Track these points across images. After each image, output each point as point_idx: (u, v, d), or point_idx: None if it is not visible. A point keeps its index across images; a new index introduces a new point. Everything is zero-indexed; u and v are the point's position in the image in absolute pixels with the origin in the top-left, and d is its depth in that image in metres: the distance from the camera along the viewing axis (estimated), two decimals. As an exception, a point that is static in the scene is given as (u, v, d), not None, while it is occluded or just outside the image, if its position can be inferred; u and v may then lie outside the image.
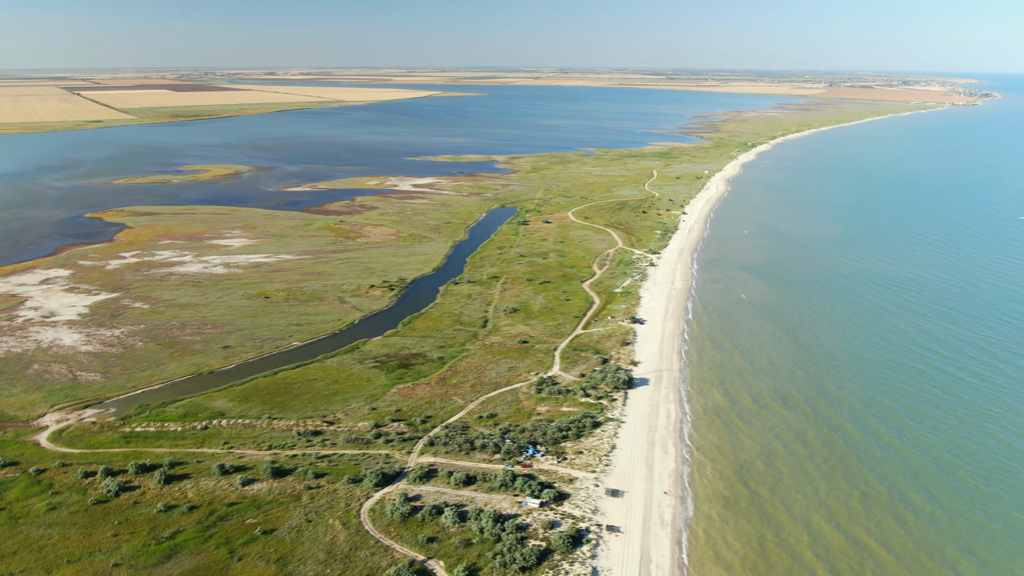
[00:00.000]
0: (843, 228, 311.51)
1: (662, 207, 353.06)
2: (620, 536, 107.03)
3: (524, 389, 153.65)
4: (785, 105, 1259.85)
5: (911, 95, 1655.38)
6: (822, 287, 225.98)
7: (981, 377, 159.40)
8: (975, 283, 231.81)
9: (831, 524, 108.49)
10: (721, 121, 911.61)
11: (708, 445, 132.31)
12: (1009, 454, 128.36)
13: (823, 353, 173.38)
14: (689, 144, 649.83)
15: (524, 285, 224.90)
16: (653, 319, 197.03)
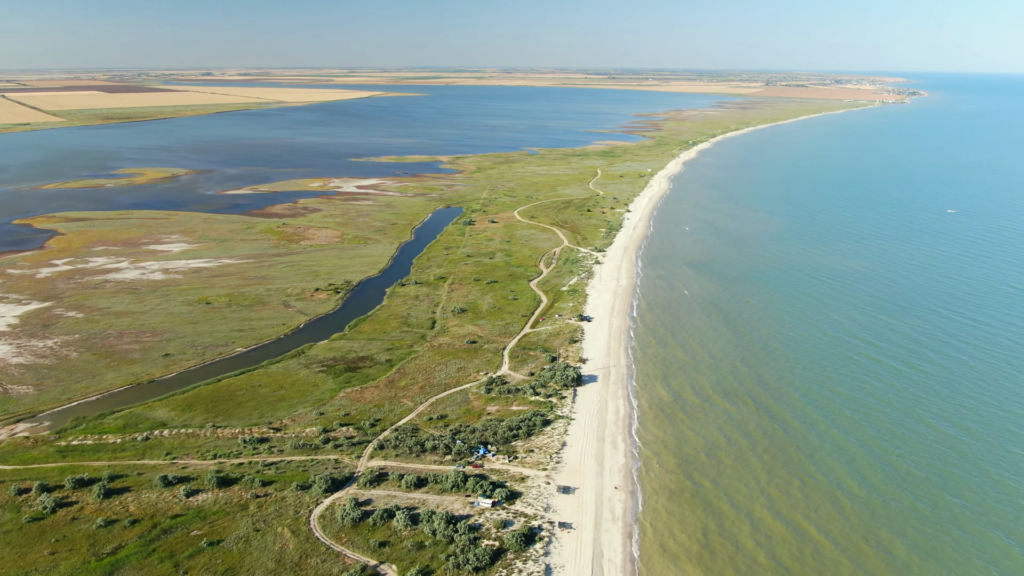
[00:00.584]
0: (782, 223, 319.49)
1: (606, 205, 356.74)
2: (572, 532, 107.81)
3: (474, 389, 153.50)
4: (724, 104, 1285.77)
5: (844, 93, 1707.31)
6: (762, 281, 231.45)
7: (911, 365, 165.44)
8: (905, 275, 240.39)
9: (772, 512, 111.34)
10: (662, 120, 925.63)
11: (656, 439, 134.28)
12: (937, 438, 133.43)
13: (763, 346, 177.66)
14: (632, 143, 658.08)
15: (472, 285, 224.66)
16: (600, 316, 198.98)
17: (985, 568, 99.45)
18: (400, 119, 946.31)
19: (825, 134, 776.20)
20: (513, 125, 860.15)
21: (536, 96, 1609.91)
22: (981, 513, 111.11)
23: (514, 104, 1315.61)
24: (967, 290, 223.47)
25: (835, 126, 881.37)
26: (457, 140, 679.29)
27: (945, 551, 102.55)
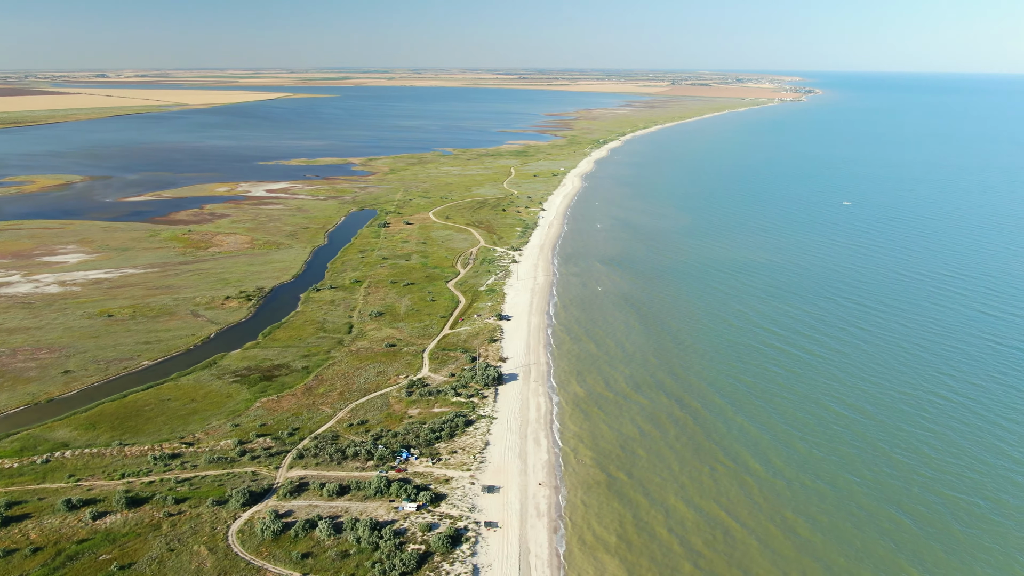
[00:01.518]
0: (691, 218, 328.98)
1: (521, 204, 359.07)
2: (498, 531, 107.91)
3: (394, 393, 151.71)
4: (632, 103, 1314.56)
5: (745, 92, 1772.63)
6: (672, 275, 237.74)
7: (810, 352, 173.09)
8: (805, 265, 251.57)
9: (685, 500, 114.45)
10: (573, 119, 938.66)
11: (577, 434, 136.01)
12: (835, 420, 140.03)
13: (674, 338, 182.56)
14: (544, 142, 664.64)
15: (388, 288, 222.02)
16: (519, 315, 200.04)
17: (880, 540, 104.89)
18: (309, 121, 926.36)
19: (729, 131, 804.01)
20: (425, 126, 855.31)
21: (447, 96, 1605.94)
22: (876, 489, 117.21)
23: (425, 104, 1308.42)
24: (861, 278, 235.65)
25: (738, 123, 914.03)
26: (369, 141, 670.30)
27: (844, 527, 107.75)
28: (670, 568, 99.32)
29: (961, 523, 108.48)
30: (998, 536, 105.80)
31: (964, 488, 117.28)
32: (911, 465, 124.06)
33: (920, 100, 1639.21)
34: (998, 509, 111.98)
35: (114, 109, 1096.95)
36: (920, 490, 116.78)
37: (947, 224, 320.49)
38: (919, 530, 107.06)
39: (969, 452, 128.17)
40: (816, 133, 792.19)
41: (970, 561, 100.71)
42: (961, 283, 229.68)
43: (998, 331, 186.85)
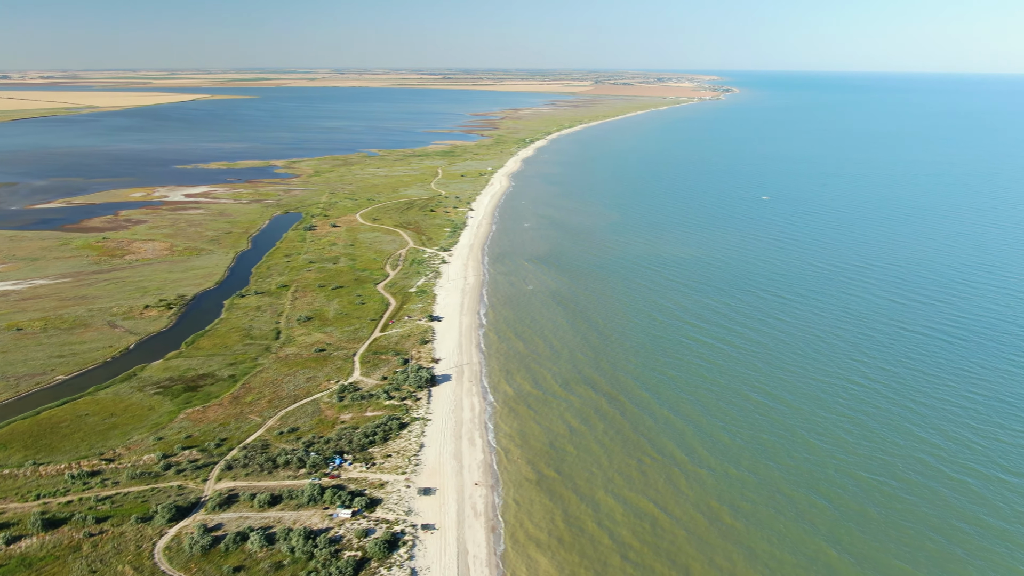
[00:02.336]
0: (617, 215, 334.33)
1: (449, 205, 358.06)
2: (436, 533, 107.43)
3: (325, 399, 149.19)
4: (557, 102, 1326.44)
5: (666, 91, 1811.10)
6: (600, 272, 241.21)
7: (731, 344, 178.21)
8: (726, 259, 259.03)
9: (614, 495, 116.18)
10: (499, 119, 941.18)
11: (511, 433, 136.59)
12: (755, 409, 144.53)
13: (603, 334, 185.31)
14: (471, 142, 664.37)
15: (316, 292, 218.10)
16: (450, 315, 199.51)
17: (798, 523, 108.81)
18: (229, 123, 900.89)
19: (652, 129, 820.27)
20: (350, 127, 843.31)
21: (372, 97, 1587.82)
22: (795, 474, 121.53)
23: (349, 105, 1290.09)
24: (779, 270, 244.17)
25: (660, 121, 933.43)
26: (292, 143, 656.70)
27: (765, 512, 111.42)
28: (600, 562, 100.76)
29: (875, 503, 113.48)
30: (909, 514, 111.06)
31: (876, 469, 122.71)
32: (827, 450, 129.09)
33: (835, 98, 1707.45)
34: (908, 488, 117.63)
35: (17, 112, 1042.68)
36: (836, 473, 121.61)
37: (858, 216, 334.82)
38: (835, 512, 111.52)
39: (880, 435, 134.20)
40: (734, 130, 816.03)
41: (883, 539, 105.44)
42: (871, 273, 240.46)
43: (904, 317, 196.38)
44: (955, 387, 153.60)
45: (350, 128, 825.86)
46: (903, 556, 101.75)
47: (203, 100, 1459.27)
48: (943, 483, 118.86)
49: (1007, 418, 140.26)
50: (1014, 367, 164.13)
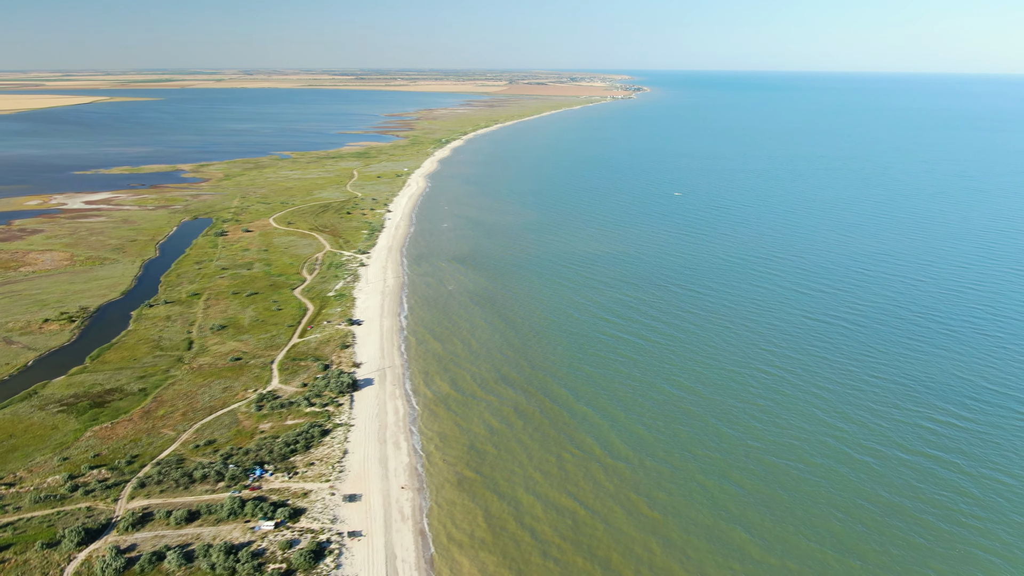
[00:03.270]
0: (535, 214, 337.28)
1: (366, 207, 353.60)
2: (363, 540, 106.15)
3: (243, 408, 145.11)
4: (472, 102, 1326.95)
5: (579, 90, 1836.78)
6: (519, 270, 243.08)
7: (645, 338, 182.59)
8: (640, 254, 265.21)
9: (536, 493, 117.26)
10: (414, 119, 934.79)
11: (436, 435, 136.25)
12: (670, 401, 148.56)
13: (522, 332, 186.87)
14: (386, 143, 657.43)
15: (230, 299, 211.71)
16: (370, 318, 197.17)
17: (711, 511, 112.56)
18: (132, 126, 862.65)
19: (567, 128, 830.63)
20: (260, 129, 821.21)
21: (282, 98, 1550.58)
22: (708, 464, 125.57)
23: (259, 107, 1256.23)
24: (691, 264, 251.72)
25: (574, 120, 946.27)
26: (200, 147, 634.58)
27: (680, 502, 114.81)
28: (521, 561, 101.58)
29: (783, 487, 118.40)
30: (815, 495, 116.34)
31: (784, 454, 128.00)
32: (738, 437, 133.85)
33: (744, 97, 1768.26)
34: (813, 470, 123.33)
35: None
36: (746, 460, 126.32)
37: (764, 210, 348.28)
38: (746, 497, 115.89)
39: (787, 420, 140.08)
40: (646, 128, 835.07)
41: (791, 521, 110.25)
42: (777, 264, 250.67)
43: (808, 306, 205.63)
44: (855, 371, 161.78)
45: (261, 130, 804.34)
46: (810, 535, 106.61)
47: (102, 102, 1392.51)
48: (846, 464, 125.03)
49: (903, 399, 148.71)
50: (908, 350, 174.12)
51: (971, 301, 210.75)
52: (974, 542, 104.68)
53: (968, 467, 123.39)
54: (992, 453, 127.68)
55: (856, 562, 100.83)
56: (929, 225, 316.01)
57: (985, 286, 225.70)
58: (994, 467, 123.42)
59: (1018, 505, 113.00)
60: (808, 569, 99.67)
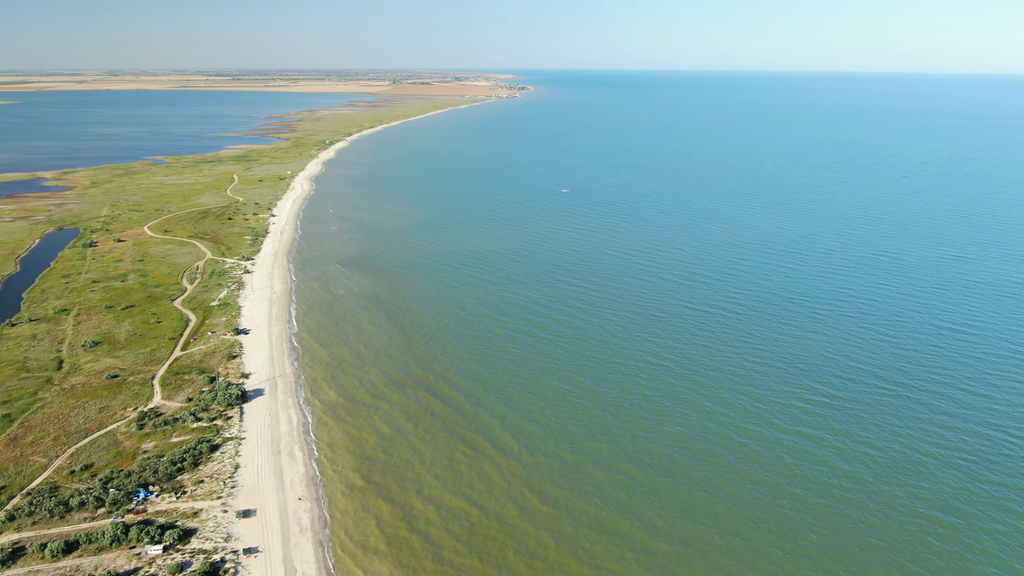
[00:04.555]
0: (424, 214, 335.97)
1: (249, 212, 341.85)
2: (260, 556, 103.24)
3: (123, 428, 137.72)
4: (355, 103, 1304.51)
5: (464, 90, 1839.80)
6: (410, 271, 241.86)
7: (534, 336, 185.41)
8: (531, 251, 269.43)
9: (428, 497, 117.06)
10: (296, 121, 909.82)
11: (332, 442, 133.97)
12: (561, 397, 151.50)
13: (414, 335, 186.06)
14: (267, 145, 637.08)
15: (104, 314, 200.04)
16: (258, 327, 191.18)
17: (603, 502, 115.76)
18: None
19: (453, 127, 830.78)
20: (129, 133, 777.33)
21: (152, 100, 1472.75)
22: (598, 457, 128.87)
23: (128, 110, 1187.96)
24: (579, 259, 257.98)
25: (460, 120, 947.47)
26: (62, 152, 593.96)
27: (571, 497, 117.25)
28: (413, 569, 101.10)
29: (669, 474, 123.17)
30: (698, 481, 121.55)
31: (670, 443, 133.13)
32: (626, 428, 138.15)
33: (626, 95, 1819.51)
34: (697, 456, 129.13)
35: None
36: (634, 451, 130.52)
37: (647, 204, 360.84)
38: (635, 487, 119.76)
39: (672, 409, 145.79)
40: (532, 126, 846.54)
41: (678, 507, 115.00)
42: (659, 257, 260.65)
43: (689, 296, 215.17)
44: (733, 357, 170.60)
45: (130, 134, 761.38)
46: (695, 519, 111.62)
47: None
48: (727, 447, 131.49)
49: (777, 381, 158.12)
50: (780, 335, 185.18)
51: (835, 285, 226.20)
52: (844, 512, 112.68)
53: (837, 442, 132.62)
54: (857, 428, 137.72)
55: (739, 540, 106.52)
56: (797, 215, 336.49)
57: (847, 270, 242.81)
58: (860, 440, 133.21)
59: (882, 475, 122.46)
60: (694, 551, 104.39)
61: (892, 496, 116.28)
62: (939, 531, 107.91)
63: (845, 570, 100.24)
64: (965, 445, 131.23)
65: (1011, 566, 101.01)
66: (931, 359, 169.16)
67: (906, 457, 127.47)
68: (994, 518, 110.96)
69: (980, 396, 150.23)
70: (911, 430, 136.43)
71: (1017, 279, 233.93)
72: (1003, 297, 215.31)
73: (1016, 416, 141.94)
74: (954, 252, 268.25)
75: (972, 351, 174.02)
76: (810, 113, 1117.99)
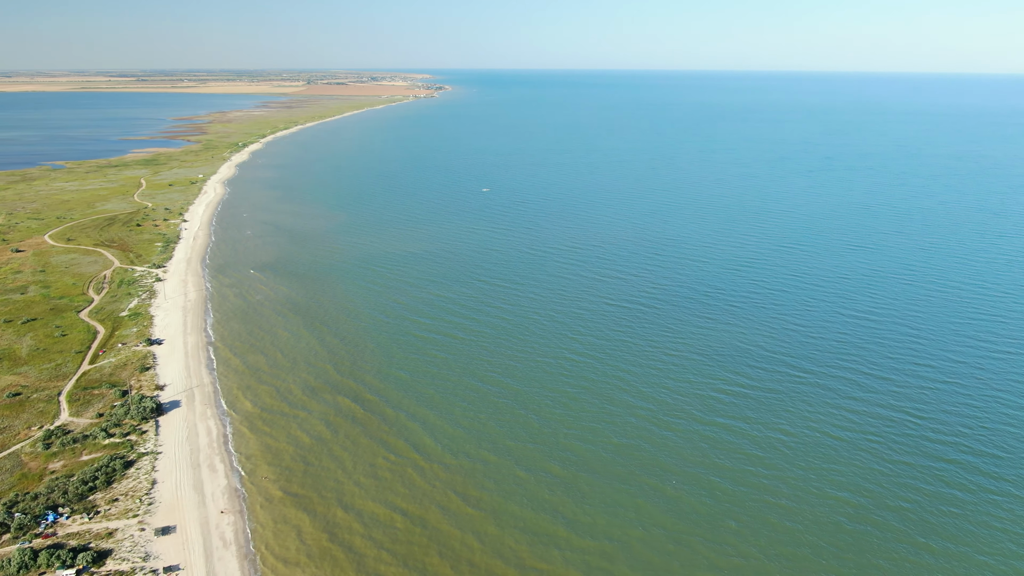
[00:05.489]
0: (343, 216, 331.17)
1: (159, 217, 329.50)
2: (181, 573, 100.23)
3: (27, 449, 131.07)
4: (269, 104, 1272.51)
5: (381, 90, 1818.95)
6: (330, 275, 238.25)
7: (454, 336, 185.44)
8: (452, 251, 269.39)
9: (348, 506, 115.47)
10: (207, 122, 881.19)
11: (254, 452, 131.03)
12: (483, 397, 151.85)
13: (335, 339, 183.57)
14: (177, 148, 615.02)
15: (2, 328, 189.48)
16: (172, 336, 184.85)
17: (527, 502, 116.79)
18: None
19: (371, 128, 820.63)
20: (25, 137, 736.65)
21: (49, 102, 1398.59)
22: (519, 456, 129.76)
23: (23, 112, 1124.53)
24: (501, 258, 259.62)
25: (378, 120, 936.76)
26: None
27: (493, 498, 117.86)
28: None
29: (592, 471, 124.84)
30: (620, 476, 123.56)
31: (591, 439, 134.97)
32: (550, 427, 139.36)
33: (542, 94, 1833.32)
34: (619, 450, 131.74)
35: None
36: (557, 449, 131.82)
37: (564, 203, 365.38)
38: (558, 485, 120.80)
39: (594, 405, 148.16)
40: (451, 126, 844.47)
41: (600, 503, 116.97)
42: (578, 254, 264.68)
43: (608, 292, 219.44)
44: (651, 352, 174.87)
45: (26, 138, 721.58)
46: (618, 514, 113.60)
47: None
48: (648, 440, 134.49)
49: (695, 374, 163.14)
50: (696, 328, 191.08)
51: (748, 277, 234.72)
52: (760, 499, 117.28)
53: (752, 430, 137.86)
54: (770, 415, 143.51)
55: (661, 532, 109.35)
56: (711, 210, 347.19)
57: (759, 263, 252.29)
58: (773, 427, 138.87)
59: (794, 460, 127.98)
60: (618, 545, 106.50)
61: (804, 480, 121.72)
62: (848, 511, 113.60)
63: (762, 554, 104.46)
64: (870, 427, 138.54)
65: (915, 540, 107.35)
66: (837, 345, 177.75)
67: (816, 441, 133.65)
68: (899, 495, 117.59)
69: (882, 379, 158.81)
70: (820, 415, 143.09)
71: (913, 266, 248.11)
72: (902, 284, 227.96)
73: (915, 397, 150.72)
74: (856, 242, 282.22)
75: (874, 336, 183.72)
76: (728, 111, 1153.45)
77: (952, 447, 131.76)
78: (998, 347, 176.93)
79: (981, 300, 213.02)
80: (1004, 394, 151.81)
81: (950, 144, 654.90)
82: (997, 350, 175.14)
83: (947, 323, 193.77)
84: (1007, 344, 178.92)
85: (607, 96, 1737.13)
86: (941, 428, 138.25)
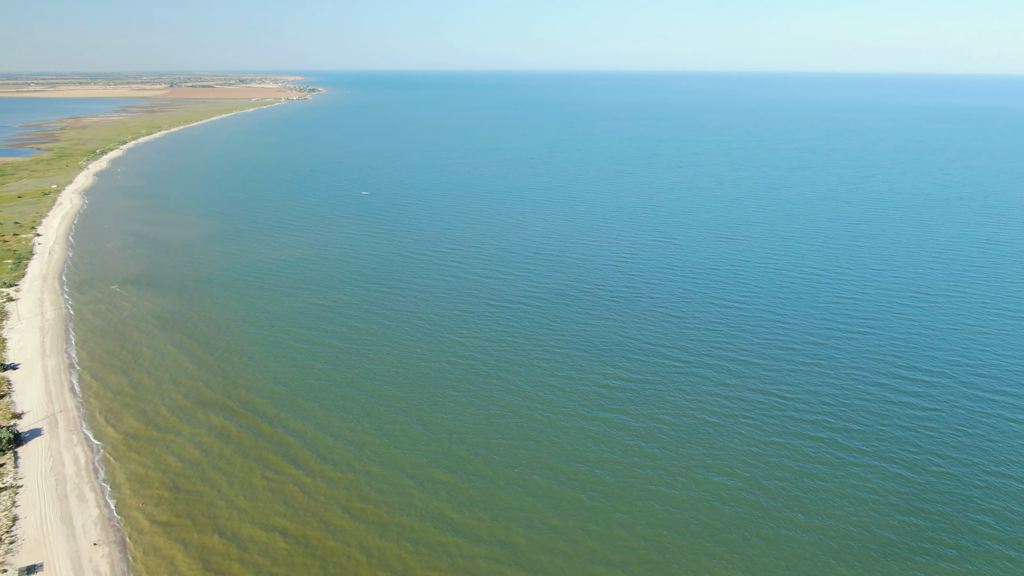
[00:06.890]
0: (215, 224, 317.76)
1: (7, 232, 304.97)
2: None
3: None
4: (128, 108, 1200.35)
5: (250, 92, 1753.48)
6: (203, 286, 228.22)
7: (333, 346, 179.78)
8: (332, 256, 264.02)
9: (228, 529, 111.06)
10: (59, 129, 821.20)
11: (128, 479, 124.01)
12: (363, 407, 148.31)
13: (210, 355, 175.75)
14: (25, 157, 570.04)
15: None
16: (30, 359, 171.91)
17: (413, 512, 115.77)
18: None
19: (241, 132, 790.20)
20: None
21: None
22: (406, 465, 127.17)
23: None
24: (383, 262, 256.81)
25: (248, 124, 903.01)
26: None
27: (382, 510, 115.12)
28: None
29: (479, 476, 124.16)
30: (507, 478, 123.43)
31: (477, 443, 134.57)
32: (435, 433, 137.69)
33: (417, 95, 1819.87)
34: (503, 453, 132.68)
35: None
36: (442, 455, 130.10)
37: (445, 204, 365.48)
38: (444, 492, 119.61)
39: (479, 407, 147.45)
40: (326, 129, 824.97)
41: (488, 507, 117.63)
42: (460, 255, 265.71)
43: (490, 292, 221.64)
44: (533, 350, 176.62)
45: None
46: (506, 517, 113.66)
47: None
48: (533, 439, 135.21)
49: (578, 369, 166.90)
50: (578, 324, 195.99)
51: (626, 271, 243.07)
52: (646, 489, 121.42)
53: (634, 422, 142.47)
54: (650, 406, 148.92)
55: (550, 532, 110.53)
56: (588, 206, 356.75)
57: (636, 257, 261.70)
58: (653, 418, 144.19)
59: (674, 449, 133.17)
60: (507, 549, 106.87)
61: (685, 468, 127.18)
62: (725, 495, 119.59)
63: (650, 545, 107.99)
64: (741, 411, 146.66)
65: (785, 516, 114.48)
66: (710, 334, 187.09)
67: (693, 428, 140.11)
68: (773, 476, 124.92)
69: (751, 364, 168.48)
70: (697, 402, 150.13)
71: (776, 255, 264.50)
72: (767, 272, 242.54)
73: (780, 380, 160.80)
74: (725, 234, 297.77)
75: (742, 323, 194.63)
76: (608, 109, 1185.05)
77: (814, 424, 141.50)
78: (853, 328, 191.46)
79: (837, 284, 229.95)
80: (859, 371, 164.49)
81: (805, 139, 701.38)
82: (852, 330, 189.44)
83: (808, 307, 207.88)
84: (860, 324, 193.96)
85: (489, 97, 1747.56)
86: (805, 407, 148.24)
